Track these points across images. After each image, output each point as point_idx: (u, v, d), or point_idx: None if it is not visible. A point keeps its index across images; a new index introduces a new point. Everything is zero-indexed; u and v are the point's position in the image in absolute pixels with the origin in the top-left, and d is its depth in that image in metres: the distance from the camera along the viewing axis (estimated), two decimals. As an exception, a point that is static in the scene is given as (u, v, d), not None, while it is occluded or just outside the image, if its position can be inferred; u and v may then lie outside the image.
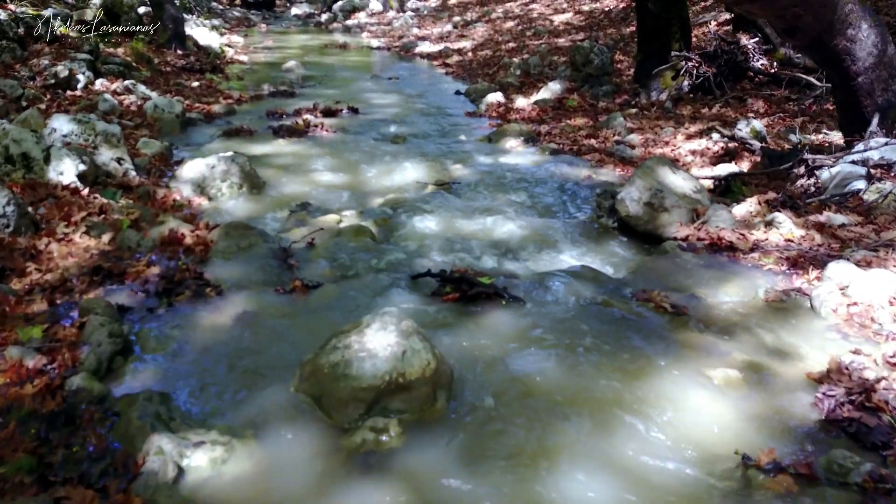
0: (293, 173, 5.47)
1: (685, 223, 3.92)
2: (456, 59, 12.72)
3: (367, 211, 4.54)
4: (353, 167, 5.67)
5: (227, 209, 4.59)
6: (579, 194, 5.02)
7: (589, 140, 6.56)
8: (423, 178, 5.39)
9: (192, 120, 7.25)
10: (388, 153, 6.08)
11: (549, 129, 7.04)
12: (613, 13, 14.12)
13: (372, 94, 9.41)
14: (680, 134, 6.37)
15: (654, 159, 4.17)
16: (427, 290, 3.13)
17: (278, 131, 6.79)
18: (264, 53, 13.93)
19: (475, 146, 6.48)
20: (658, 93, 7.89)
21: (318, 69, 11.71)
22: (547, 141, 6.57)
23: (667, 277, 3.35)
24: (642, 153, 6.02)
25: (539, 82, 9.55)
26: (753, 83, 7.84)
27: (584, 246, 3.92)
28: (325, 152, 6.12)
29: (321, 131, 6.89)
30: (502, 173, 5.48)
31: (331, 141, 6.57)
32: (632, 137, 6.47)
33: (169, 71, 9.93)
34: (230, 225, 3.76)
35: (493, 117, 8.01)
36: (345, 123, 7.46)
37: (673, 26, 7.63)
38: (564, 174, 5.49)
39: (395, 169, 5.60)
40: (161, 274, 3.16)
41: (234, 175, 4.95)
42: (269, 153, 6.05)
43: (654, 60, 7.82)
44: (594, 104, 8.17)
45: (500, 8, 19.21)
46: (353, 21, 21.07)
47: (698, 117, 6.97)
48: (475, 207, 4.60)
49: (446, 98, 9.32)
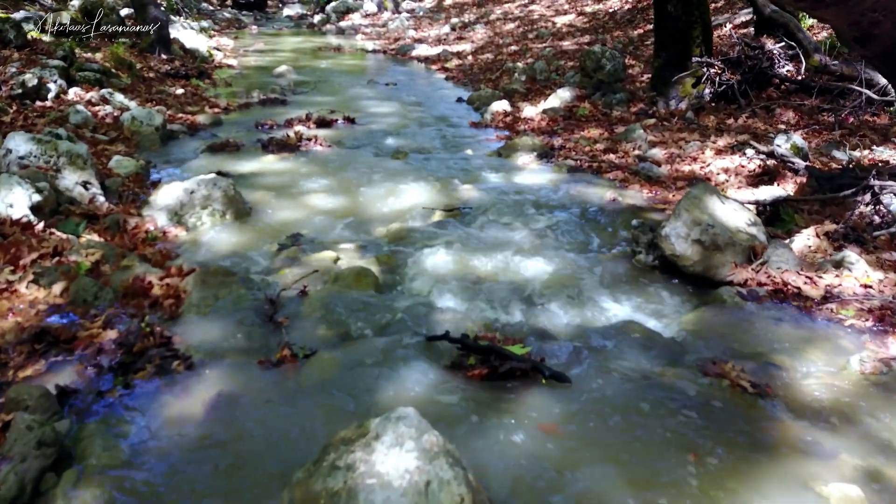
0: (284, 196, 4.88)
1: (741, 263, 3.36)
2: (455, 62, 12.15)
3: (368, 245, 3.97)
4: (350, 188, 5.09)
5: (207, 242, 4.00)
6: (607, 221, 4.45)
7: (608, 155, 6.00)
8: (429, 201, 4.82)
9: (174, 132, 6.65)
10: (388, 171, 5.51)
11: (562, 143, 6.48)
12: (618, 14, 13.58)
13: (369, 102, 8.83)
14: (708, 148, 5.82)
15: (700, 187, 3.61)
16: (446, 360, 2.55)
17: (268, 145, 6.20)
18: (255, 57, 13.32)
19: (484, 162, 5.91)
20: (677, 101, 7.34)
21: (311, 74, 11.11)
22: (562, 156, 6.01)
23: (732, 338, 2.79)
24: (669, 171, 5.46)
25: (546, 89, 8.99)
26: (780, 91, 7.30)
27: (624, 291, 3.35)
28: (319, 170, 5.54)
29: (315, 145, 6.30)
30: (517, 195, 4.92)
31: (325, 157, 5.99)
32: (654, 152, 5.91)
33: (152, 77, 9.32)
34: (208, 271, 3.17)
35: (500, 128, 7.44)
36: (340, 135, 6.88)
37: (694, 30, 7.08)
38: (586, 196, 4.93)
39: (398, 190, 5.03)
40: (119, 340, 2.57)
41: (217, 201, 4.37)
42: (257, 171, 5.47)
43: (673, 66, 7.27)
44: (607, 113, 7.61)
45: (498, 9, 18.66)
46: (347, 23, 20.47)
47: (724, 129, 6.42)
48: (491, 240, 4.04)
49: (448, 106, 8.75)
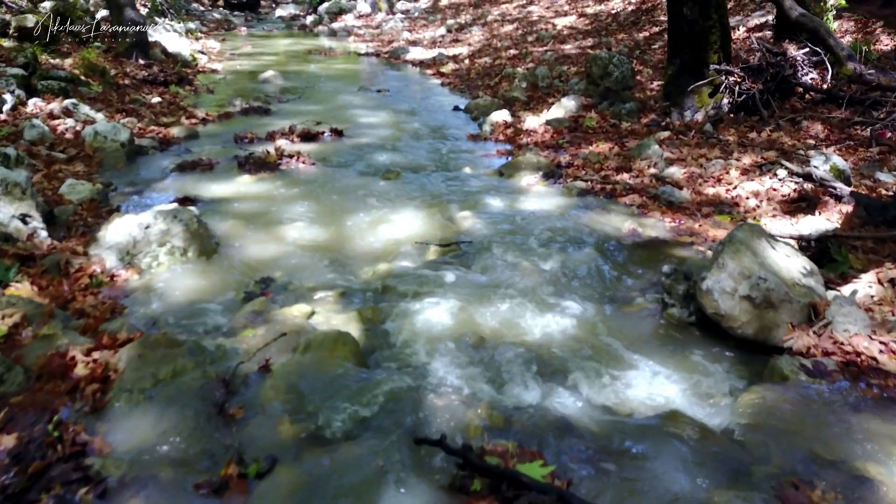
0: (258, 226, 4.29)
1: (799, 324, 2.78)
2: (451, 67, 11.56)
3: (350, 293, 3.38)
4: (333, 216, 4.50)
5: (161, 288, 3.41)
6: (628, 259, 3.87)
7: (621, 175, 5.41)
8: (422, 232, 4.23)
9: (143, 148, 6.05)
10: (377, 194, 4.92)
11: (569, 159, 5.90)
12: (621, 16, 13.00)
13: (359, 111, 8.23)
14: (733, 168, 5.24)
15: (746, 228, 3.02)
16: (442, 478, 1.97)
17: (245, 164, 5.60)
18: (241, 61, 12.71)
19: (484, 183, 5.33)
20: (693, 112, 6.76)
21: (299, 79, 10.51)
22: (571, 176, 5.42)
23: (804, 435, 2.21)
24: (691, 195, 4.88)
25: (549, 97, 8.41)
26: (804, 101, 6.73)
27: (658, 358, 2.77)
28: (300, 194, 4.94)
29: (297, 163, 5.71)
30: (523, 225, 4.33)
31: (308, 177, 5.39)
32: (672, 171, 5.33)
33: (127, 84, 8.71)
34: (148, 340, 2.57)
35: (501, 140, 6.86)
36: (326, 151, 6.29)
37: (711, 34, 6.50)
38: (601, 227, 4.35)
39: (388, 218, 4.44)
40: (15, 452, 1.98)
41: (177, 236, 3.77)
42: (231, 196, 4.87)
43: (688, 74, 6.69)
44: (616, 125, 7.03)
45: (495, 10, 18.07)
46: (340, 24, 19.87)
47: (747, 144, 5.84)
48: (495, 285, 3.45)
49: (444, 116, 8.16)
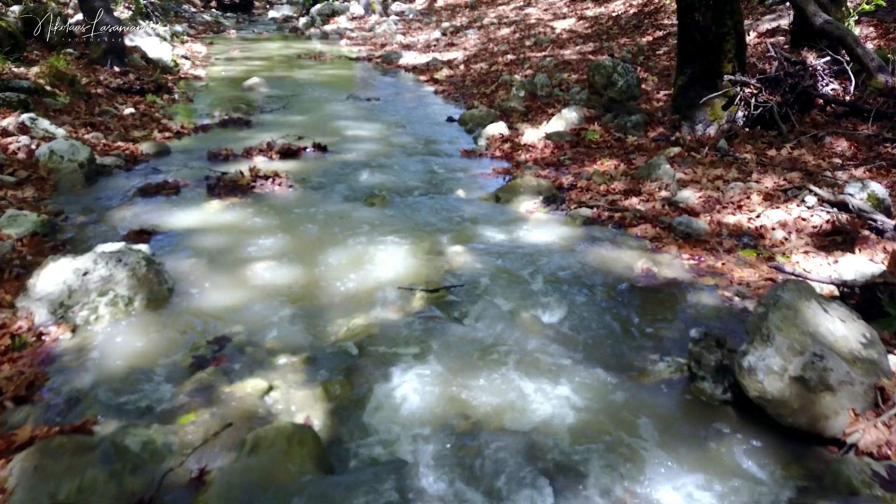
0: (221, 265, 3.77)
1: (864, 411, 2.27)
2: (446, 73, 11.05)
3: (318, 357, 2.86)
4: (308, 252, 3.98)
5: (95, 351, 2.89)
6: (643, 309, 3.36)
7: (629, 199, 4.91)
8: (408, 271, 3.72)
9: (106, 168, 5.53)
10: (359, 225, 4.40)
11: (572, 181, 5.39)
12: (623, 19, 12.50)
13: (346, 123, 7.72)
14: (754, 192, 4.74)
15: (792, 288, 2.51)
16: None
17: (214, 187, 5.08)
18: (227, 66, 12.18)
19: (479, 210, 4.81)
20: (704, 126, 6.26)
21: (285, 86, 9.99)
22: (574, 201, 4.91)
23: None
24: (709, 224, 4.37)
25: (549, 107, 7.90)
26: (825, 115, 6.23)
27: (688, 455, 2.26)
28: (272, 224, 4.42)
29: (272, 186, 5.19)
30: (522, 263, 3.82)
31: (284, 202, 4.87)
32: (686, 196, 4.82)
33: (99, 94, 8.18)
34: (50, 446, 2.05)
35: (497, 157, 6.35)
36: (307, 170, 5.77)
37: (726, 42, 6.00)
38: (610, 265, 3.84)
39: (369, 254, 3.92)
40: None
41: (121, 284, 3.25)
42: (195, 226, 4.35)
43: (700, 85, 6.19)
44: (622, 139, 6.53)
45: (492, 12, 17.58)
46: (332, 26, 19.33)
47: (767, 164, 5.34)
48: (489, 344, 2.94)
49: (437, 128, 7.64)
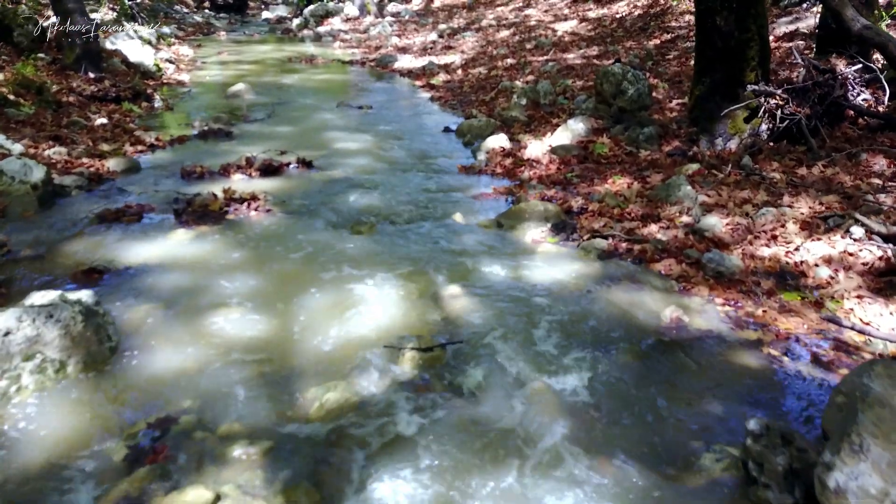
0: (178, 314, 3.23)
1: None
2: (443, 78, 10.51)
3: (281, 449, 2.31)
4: (281, 296, 3.44)
5: (9, 437, 2.35)
6: (678, 375, 2.82)
7: (648, 226, 4.37)
8: (397, 322, 3.18)
9: (65, 189, 4.98)
10: (343, 260, 3.86)
11: (582, 203, 4.85)
12: (628, 21, 11.97)
13: (335, 134, 7.18)
14: (789, 220, 4.20)
15: (882, 374, 1.97)
16: None
17: (182, 212, 4.53)
18: (213, 70, 11.63)
19: (479, 239, 4.27)
20: (725, 140, 5.72)
21: (272, 93, 9.44)
22: (586, 229, 4.37)
23: None
24: (742, 258, 3.83)
25: (553, 116, 7.37)
26: (857, 128, 5.70)
27: None
28: (244, 259, 3.88)
29: (248, 210, 4.64)
30: (530, 310, 3.29)
31: (259, 231, 4.32)
32: (712, 223, 4.29)
33: (70, 103, 7.63)
34: None
35: (498, 174, 5.81)
36: (289, 189, 5.23)
37: (749, 49, 5.46)
38: (633, 313, 3.30)
39: (353, 299, 3.38)
40: None
41: (52, 345, 2.72)
42: (154, 262, 3.80)
43: (720, 95, 5.65)
44: (634, 153, 5.99)
45: (490, 13, 17.05)
46: (326, 27, 18.78)
47: (798, 184, 4.81)
48: (496, 429, 2.40)
49: (433, 139, 7.10)
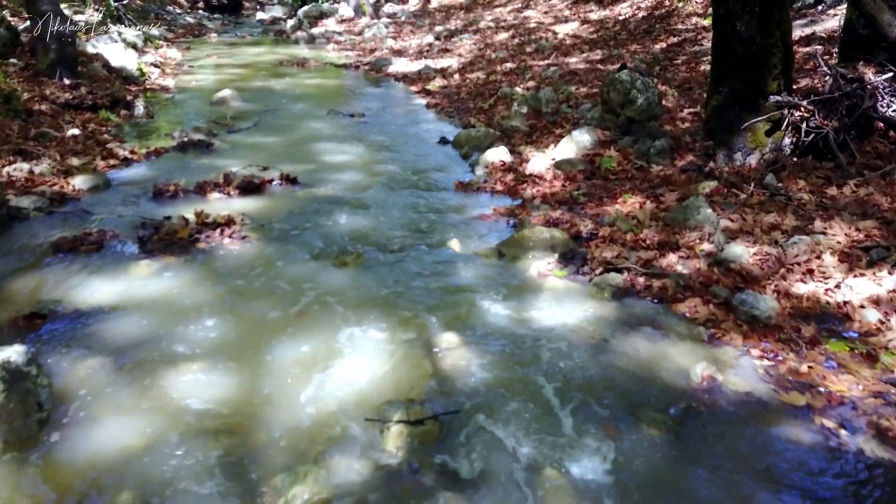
0: (128, 373, 2.77)
1: None
2: (439, 83, 10.05)
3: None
4: (251, 350, 2.98)
5: None
6: (714, 452, 2.37)
7: (666, 256, 3.92)
8: (382, 382, 2.73)
9: (21, 211, 4.52)
10: (324, 301, 3.41)
11: (592, 227, 4.40)
12: (631, 24, 11.52)
13: (324, 145, 6.72)
14: (825, 250, 3.75)
15: None
16: None
17: (148, 241, 4.07)
18: (200, 75, 11.16)
19: (478, 272, 3.82)
20: (744, 155, 5.28)
21: (260, 100, 8.98)
22: (598, 260, 3.91)
23: None
24: (778, 299, 3.38)
25: (556, 126, 6.92)
26: (888, 142, 5.26)
27: None
28: (212, 299, 3.42)
29: (222, 237, 4.18)
30: (538, 366, 2.84)
31: (233, 263, 3.87)
32: (738, 252, 3.84)
33: (42, 111, 7.16)
34: None
35: (499, 192, 5.35)
36: (271, 210, 4.78)
37: (772, 56, 5.02)
38: (658, 368, 2.85)
39: (332, 352, 2.93)
40: None
41: (-34, 422, 2.26)
42: (109, 304, 3.34)
43: (739, 106, 5.21)
44: (644, 168, 5.55)
45: (488, 14, 16.60)
46: (320, 29, 18.32)
47: (829, 206, 4.37)
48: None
49: (428, 151, 6.64)
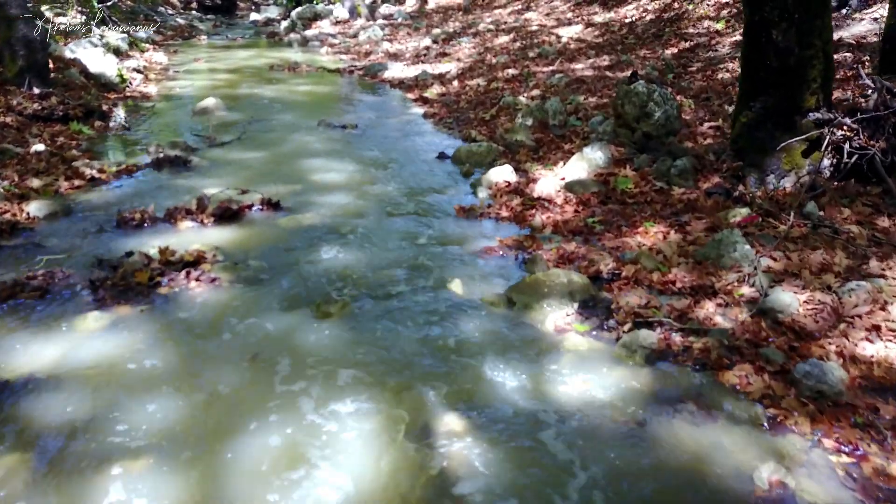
0: (51, 479, 2.22)
1: None
2: (437, 90, 9.49)
3: None
4: (207, 437, 2.42)
5: None
6: None
7: (703, 304, 3.36)
8: (368, 491, 2.18)
9: (-38, 247, 3.97)
10: (301, 368, 2.85)
11: (613, 266, 3.84)
12: (639, 27, 10.97)
13: (312, 162, 6.17)
14: (891, 300, 3.20)
15: None
16: None
17: (101, 286, 3.51)
18: (185, 81, 10.59)
19: (485, 326, 3.26)
20: (778, 177, 4.73)
21: (246, 109, 8.42)
22: (624, 309, 3.34)
23: None
24: (844, 368, 2.83)
25: (564, 140, 6.37)
26: (940, 163, 4.71)
27: None
28: (166, 366, 2.86)
29: (187, 281, 3.62)
30: (557, 460, 2.28)
31: (197, 315, 3.30)
32: (785, 300, 3.28)
33: (7, 124, 6.59)
34: None
35: (504, 218, 4.81)
36: (247, 243, 4.22)
37: (811, 68, 4.47)
38: (708, 467, 2.30)
39: (307, 444, 2.38)
40: None
41: None
42: (43, 372, 2.78)
43: (773, 124, 4.66)
44: (665, 190, 4.99)
45: (487, 16, 16.04)
46: (314, 31, 17.76)
47: (884, 242, 3.83)
48: None
49: (426, 168, 6.09)
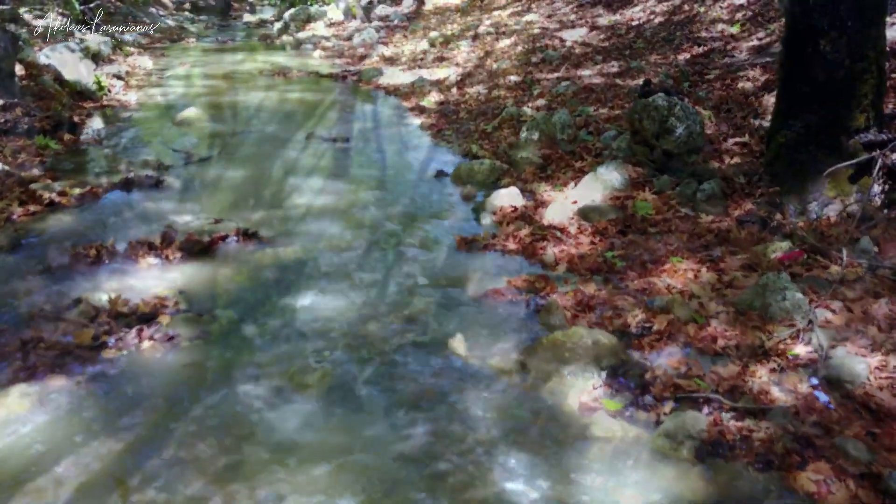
0: None
1: None
2: (435, 98, 8.92)
3: None
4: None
5: None
6: None
7: (754, 370, 2.81)
8: None
9: None
10: (268, 472, 2.28)
11: (642, 318, 3.28)
12: (648, 31, 10.41)
13: (297, 182, 5.60)
14: (984, 370, 2.65)
15: None
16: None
17: (33, 350, 2.93)
18: (169, 87, 10.00)
19: (494, 402, 2.69)
20: (821, 205, 4.18)
21: (231, 119, 7.85)
22: (662, 380, 2.78)
23: None
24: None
25: (575, 157, 5.80)
26: None
27: None
28: (99, 467, 2.29)
29: (139, 340, 3.04)
30: None
31: (146, 391, 2.73)
32: (851, 365, 2.73)
33: (-37, 139, 6.02)
34: None
35: (511, 251, 4.24)
36: (217, 286, 3.65)
37: (863, 84, 3.93)
38: None
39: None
40: None
41: None
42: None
43: (816, 145, 4.12)
44: (691, 217, 4.44)
45: (487, 18, 15.45)
46: (307, 33, 17.15)
47: (957, 287, 3.28)
48: None
49: (423, 189, 5.52)
